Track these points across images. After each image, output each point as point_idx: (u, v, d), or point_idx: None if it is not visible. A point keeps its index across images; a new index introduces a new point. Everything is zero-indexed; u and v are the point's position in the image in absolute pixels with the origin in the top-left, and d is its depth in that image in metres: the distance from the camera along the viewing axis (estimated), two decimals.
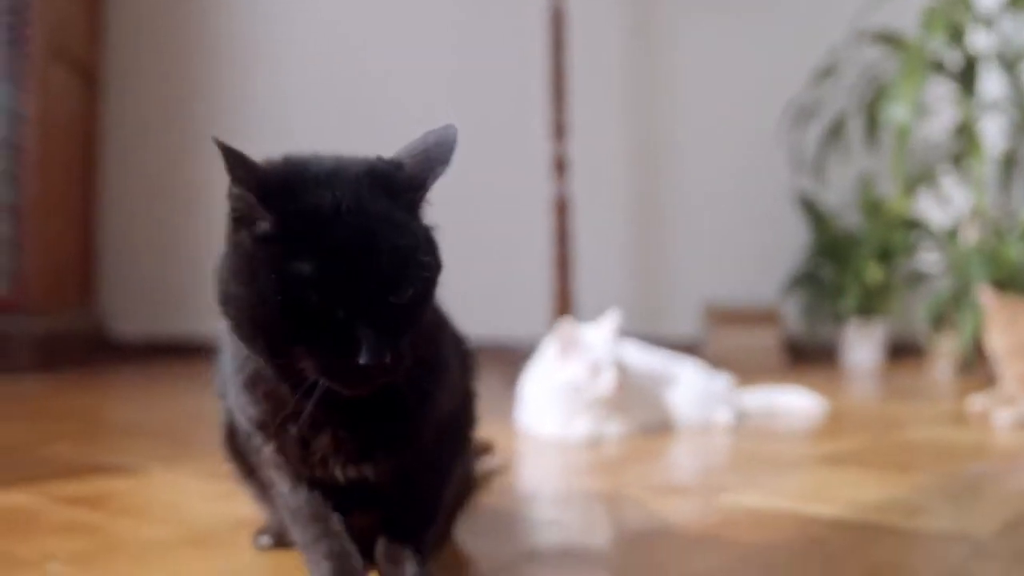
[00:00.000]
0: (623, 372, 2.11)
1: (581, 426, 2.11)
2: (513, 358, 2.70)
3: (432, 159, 0.90)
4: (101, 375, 3.40)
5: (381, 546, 0.99)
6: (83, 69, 3.83)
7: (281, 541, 1.21)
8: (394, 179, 0.88)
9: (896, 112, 3.31)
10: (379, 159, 0.90)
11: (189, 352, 4.04)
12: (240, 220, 0.85)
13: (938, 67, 3.53)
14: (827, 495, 1.57)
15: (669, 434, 2.22)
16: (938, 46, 3.55)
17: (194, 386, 3.06)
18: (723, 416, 2.32)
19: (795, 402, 2.56)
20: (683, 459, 2.00)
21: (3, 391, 2.91)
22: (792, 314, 4.11)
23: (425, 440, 0.98)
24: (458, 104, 4.15)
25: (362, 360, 0.79)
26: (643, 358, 2.30)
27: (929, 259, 3.88)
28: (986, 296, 2.47)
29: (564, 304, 3.49)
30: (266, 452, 1.00)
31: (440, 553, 1.18)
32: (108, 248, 4.17)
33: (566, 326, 2.09)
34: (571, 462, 1.89)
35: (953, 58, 3.61)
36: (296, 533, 1.01)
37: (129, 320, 4.18)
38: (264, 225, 0.83)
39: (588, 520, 1.45)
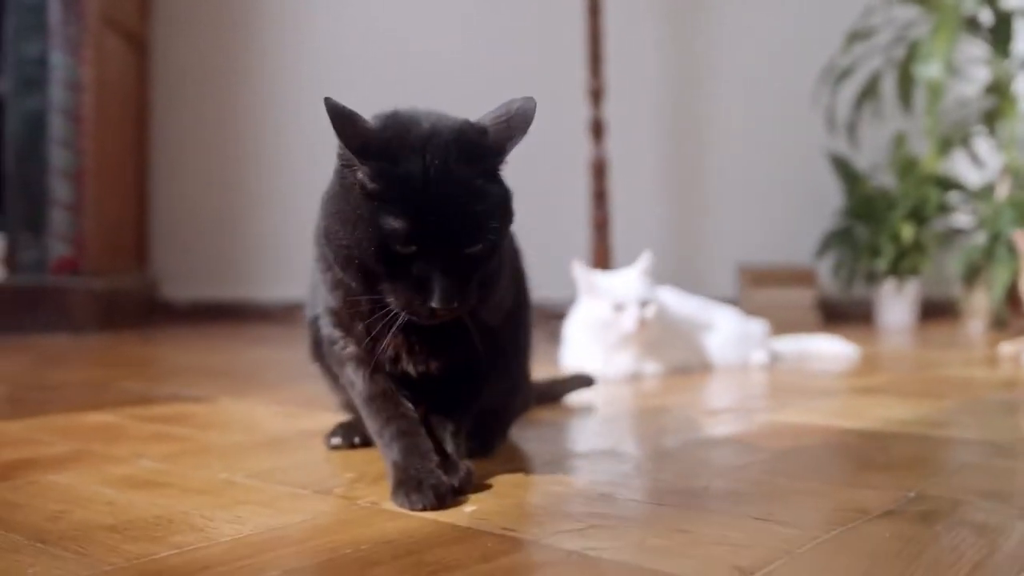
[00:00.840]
0: (660, 312, 2.20)
1: (620, 363, 2.21)
2: (552, 317, 2.80)
3: (513, 127, 1.05)
4: (158, 333, 3.55)
5: (434, 418, 1.15)
6: (134, 39, 3.96)
7: (350, 442, 1.32)
8: (479, 145, 1.02)
9: (929, 69, 3.36)
10: (468, 124, 1.04)
11: (239, 316, 4.19)
12: (347, 168, 1.00)
13: (971, 24, 3.57)
14: (858, 414, 1.66)
15: (707, 372, 2.32)
16: (971, 4, 3.59)
17: (248, 342, 3.20)
18: (758, 357, 2.41)
19: (828, 347, 2.66)
20: (721, 390, 2.09)
21: (69, 344, 3.05)
22: (826, 274, 4.17)
23: (477, 347, 1.10)
24: (496, 68, 4.23)
25: (434, 304, 0.96)
26: (682, 303, 2.39)
27: (962, 217, 3.92)
28: (1020, 238, 2.52)
29: (602, 264, 3.59)
30: (347, 352, 1.14)
31: (498, 447, 1.30)
32: (159, 214, 4.32)
33: (578, 269, 2.19)
34: (613, 392, 1.99)
35: (986, 16, 3.64)
36: (369, 420, 1.13)
37: (180, 285, 4.32)
38: (365, 180, 0.97)
39: (630, 429, 1.55)
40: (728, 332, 2.41)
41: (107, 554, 0.84)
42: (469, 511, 0.99)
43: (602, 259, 3.58)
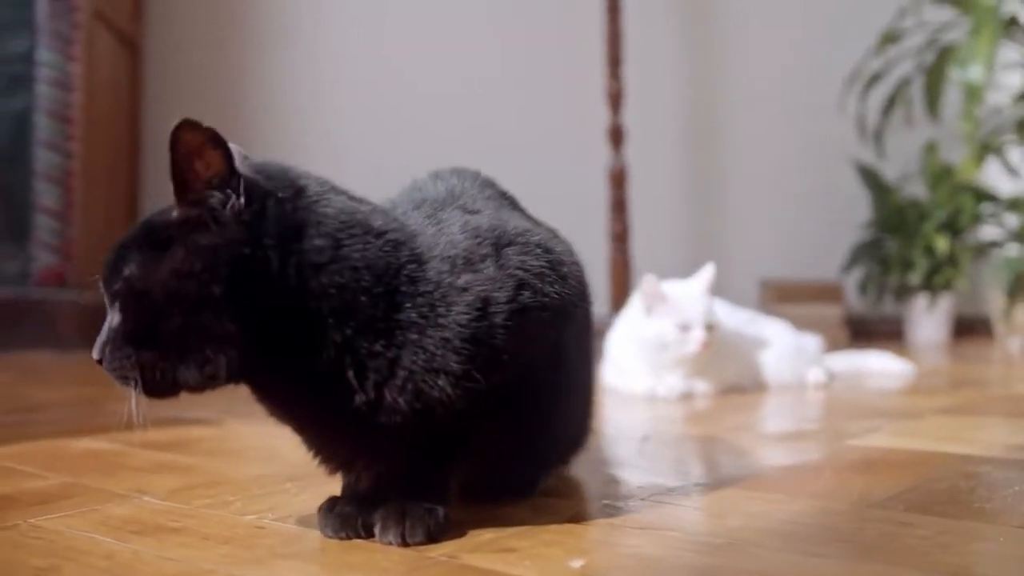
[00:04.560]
0: (715, 329, 1.99)
1: (671, 383, 1.99)
2: None
3: None
4: None
5: None
6: (126, 37, 3.74)
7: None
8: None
9: (970, 72, 3.17)
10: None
11: None
12: None
13: (1011, 24, 3.40)
14: (963, 438, 1.45)
15: (762, 392, 2.11)
16: (1010, 4, 3.42)
17: None
18: (815, 375, 2.20)
19: (884, 364, 2.46)
20: (788, 411, 1.88)
21: (54, 362, 2.82)
22: (852, 289, 3.98)
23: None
24: (513, 74, 4.04)
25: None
26: (733, 316, 2.19)
27: (1000, 228, 3.74)
28: None
29: (621, 275, 3.38)
30: None
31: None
32: None
33: (649, 282, 1.98)
34: (669, 413, 1.78)
35: None
36: None
37: None
38: None
39: (718, 454, 1.33)
40: (782, 348, 2.20)
41: None
42: (577, 566, 0.77)
43: (620, 272, 3.38)
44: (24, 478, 1.16)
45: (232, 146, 0.86)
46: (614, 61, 3.56)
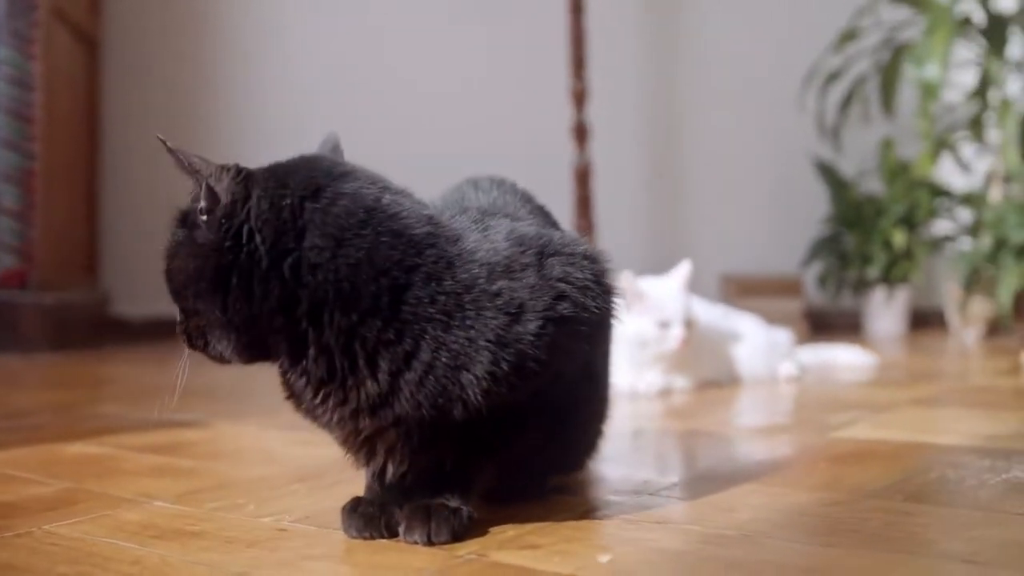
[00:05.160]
0: (693, 326, 2.03)
1: (650, 378, 2.02)
2: None
3: None
4: (114, 352, 3.27)
5: None
6: (85, 35, 3.68)
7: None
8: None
9: (926, 70, 3.25)
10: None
11: None
12: None
13: (965, 24, 3.48)
14: (943, 429, 1.50)
15: (738, 386, 2.15)
16: (964, 5, 3.51)
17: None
18: (787, 369, 2.25)
19: (849, 357, 2.52)
20: (768, 404, 1.92)
21: (20, 365, 2.77)
22: (812, 283, 4.05)
23: None
24: (478, 73, 4.05)
25: None
26: (707, 312, 2.22)
27: (953, 223, 3.83)
28: None
29: None
30: None
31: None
32: (110, 223, 4.02)
33: (627, 279, 2.00)
34: (651, 409, 1.80)
35: (979, 17, 3.56)
36: None
37: (133, 300, 4.03)
38: None
39: (719, 449, 1.36)
40: (756, 343, 2.24)
41: None
42: (605, 561, 0.79)
43: None
44: (24, 484, 1.15)
45: (329, 136, 0.96)
46: (578, 60, 3.59)
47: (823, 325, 3.95)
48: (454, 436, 0.85)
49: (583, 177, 3.56)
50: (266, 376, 0.92)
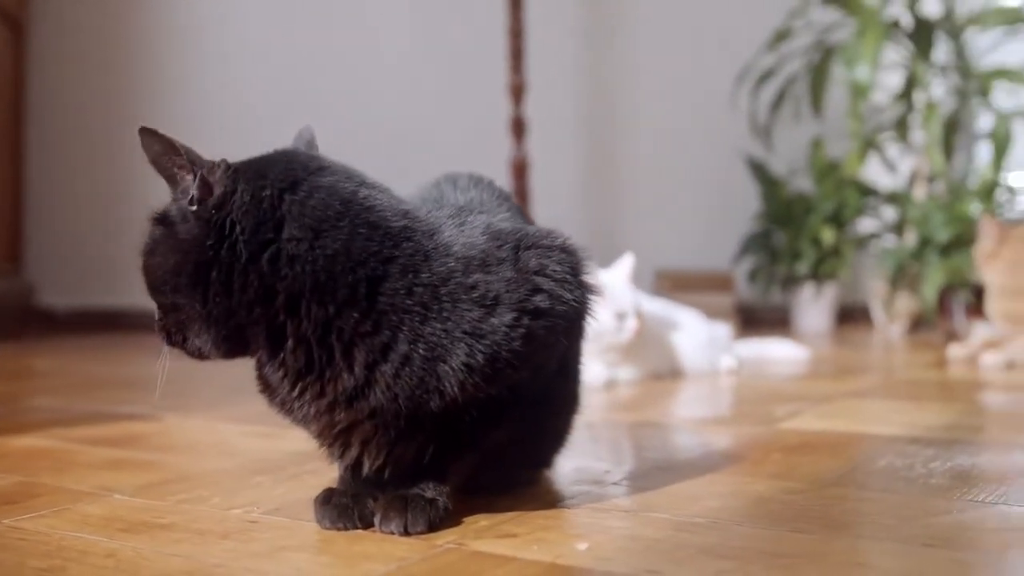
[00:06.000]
0: (641, 318, 2.06)
1: (596, 370, 2.05)
2: None
3: None
4: (40, 343, 3.19)
5: None
6: (10, 18, 3.57)
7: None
8: None
9: (857, 71, 3.34)
10: None
11: (123, 324, 3.82)
12: None
13: (893, 27, 3.58)
14: (885, 420, 1.55)
15: (681, 379, 2.18)
16: (893, 9, 3.61)
17: (150, 352, 2.88)
18: (727, 362, 2.30)
19: (784, 351, 2.59)
20: (714, 397, 1.96)
21: None
22: (743, 278, 4.13)
23: None
24: (416, 67, 4.04)
25: None
26: (650, 305, 2.25)
27: (879, 221, 3.94)
28: (989, 225, 2.48)
29: None
30: None
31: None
32: (35, 212, 3.92)
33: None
34: (593, 401, 1.83)
35: (906, 21, 3.66)
36: None
37: (58, 290, 3.93)
38: None
39: (679, 440, 1.39)
40: (697, 336, 2.28)
41: None
42: (583, 548, 0.81)
43: None
44: None
45: (304, 130, 0.95)
46: (516, 54, 3.61)
47: (753, 320, 4.04)
48: (430, 428, 0.86)
49: (520, 171, 3.58)
50: (206, 370, 0.92)
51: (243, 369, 0.91)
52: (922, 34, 3.57)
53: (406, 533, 0.84)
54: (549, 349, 0.89)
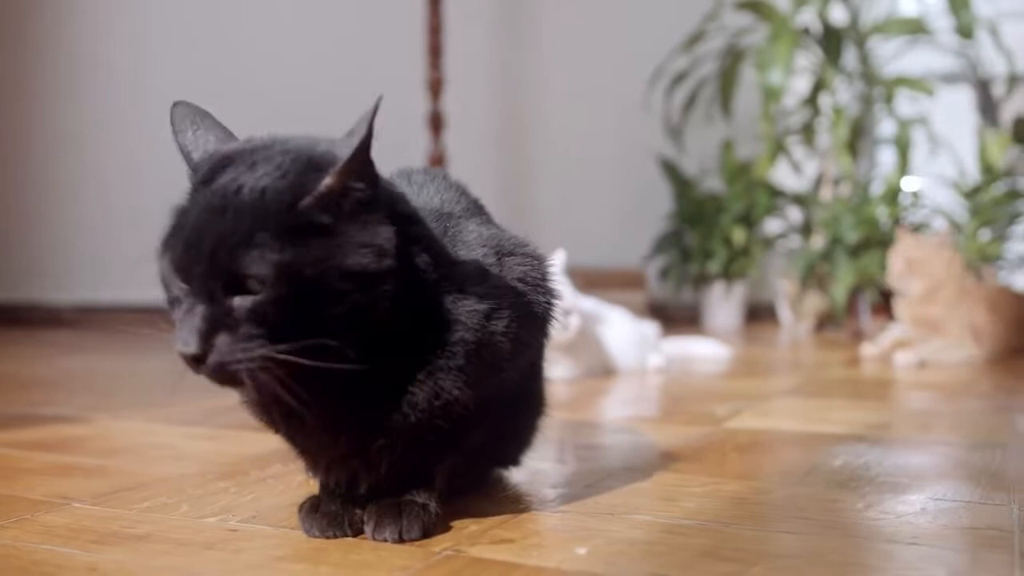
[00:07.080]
0: (578, 314, 2.07)
1: None
2: None
3: None
4: None
5: None
6: None
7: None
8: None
9: (770, 75, 3.43)
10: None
11: (23, 320, 3.65)
12: None
13: (804, 34, 3.69)
14: (822, 418, 1.59)
15: (613, 377, 2.21)
16: (804, 16, 3.72)
17: (61, 349, 2.76)
18: (656, 360, 2.33)
19: (706, 349, 2.64)
20: (652, 396, 1.98)
21: None
22: (655, 277, 4.20)
23: None
24: (334, 58, 3.98)
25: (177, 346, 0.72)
26: (583, 303, 2.27)
27: (785, 221, 4.05)
28: (905, 235, 2.57)
29: None
30: None
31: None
32: None
33: None
34: None
35: (816, 28, 3.78)
36: None
37: None
38: None
39: (640, 445, 1.39)
40: (626, 334, 2.31)
41: None
42: (583, 552, 0.81)
43: None
44: None
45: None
46: (435, 50, 3.60)
47: (664, 317, 4.10)
48: (429, 434, 0.85)
49: (437, 166, 3.57)
50: (116, 369, 0.89)
51: (156, 368, 0.87)
52: (831, 41, 3.68)
53: (400, 540, 0.82)
54: (531, 351, 0.93)
